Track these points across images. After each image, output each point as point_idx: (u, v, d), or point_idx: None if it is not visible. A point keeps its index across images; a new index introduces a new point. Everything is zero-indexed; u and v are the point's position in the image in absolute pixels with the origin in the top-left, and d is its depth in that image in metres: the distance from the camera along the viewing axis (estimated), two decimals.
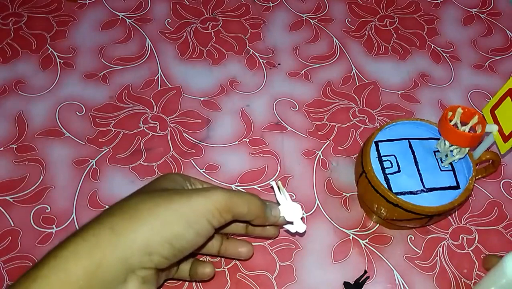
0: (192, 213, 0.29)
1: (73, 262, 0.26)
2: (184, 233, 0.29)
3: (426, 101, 0.52)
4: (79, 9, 0.57)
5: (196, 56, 0.54)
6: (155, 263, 0.28)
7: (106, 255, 0.27)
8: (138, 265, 0.28)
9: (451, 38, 0.58)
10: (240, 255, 0.39)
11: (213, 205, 0.30)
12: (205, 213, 0.29)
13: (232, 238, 0.39)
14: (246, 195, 0.32)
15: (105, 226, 0.28)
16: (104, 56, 0.53)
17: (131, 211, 0.29)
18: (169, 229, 0.28)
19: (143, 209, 0.29)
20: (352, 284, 0.40)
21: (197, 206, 0.29)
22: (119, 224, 0.28)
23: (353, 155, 0.48)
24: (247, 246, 0.39)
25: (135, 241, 0.27)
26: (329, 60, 0.55)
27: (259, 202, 0.33)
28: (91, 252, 0.27)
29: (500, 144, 0.39)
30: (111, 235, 0.27)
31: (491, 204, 0.46)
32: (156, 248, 0.28)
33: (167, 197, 0.29)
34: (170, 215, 0.29)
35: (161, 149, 0.47)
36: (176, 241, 0.29)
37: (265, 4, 0.59)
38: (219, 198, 0.30)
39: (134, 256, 0.27)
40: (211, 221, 0.30)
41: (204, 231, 0.30)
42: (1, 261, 0.40)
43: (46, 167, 0.45)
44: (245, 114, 0.50)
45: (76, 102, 0.50)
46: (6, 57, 0.53)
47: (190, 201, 0.29)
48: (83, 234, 0.28)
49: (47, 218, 0.43)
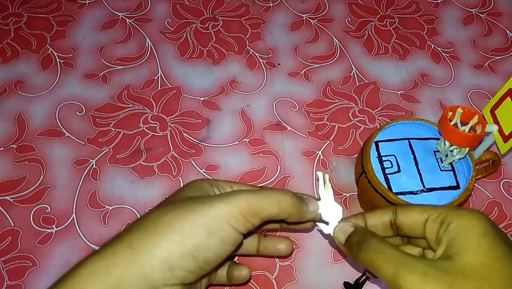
0: (213, 221, 0.27)
1: (90, 281, 0.26)
2: (207, 243, 0.27)
3: (426, 101, 0.52)
4: (79, 9, 0.57)
5: (196, 56, 0.54)
6: (179, 278, 0.27)
7: (124, 273, 0.26)
8: (161, 282, 0.26)
9: (451, 38, 0.58)
10: (280, 252, 0.37)
11: (236, 210, 0.28)
12: (228, 219, 0.28)
13: (269, 236, 0.37)
14: (275, 194, 0.30)
15: (123, 243, 0.27)
16: (104, 56, 0.53)
17: (149, 227, 0.28)
18: (189, 241, 0.27)
19: (162, 223, 0.27)
20: (352, 284, 0.40)
21: (218, 213, 0.28)
22: (137, 241, 0.27)
23: (353, 155, 0.48)
24: (286, 242, 0.36)
25: (154, 256, 0.26)
26: (329, 60, 0.55)
27: (292, 199, 0.30)
28: (109, 270, 0.26)
29: (500, 144, 0.39)
30: (129, 252, 0.26)
31: (491, 204, 0.46)
32: (177, 262, 0.27)
33: (187, 208, 0.28)
34: (190, 227, 0.27)
35: (161, 149, 0.47)
36: (198, 253, 0.27)
37: (265, 4, 0.59)
38: (242, 202, 0.28)
39: (155, 272, 0.26)
40: (237, 227, 0.28)
41: (230, 238, 0.28)
42: (1, 261, 0.40)
43: (46, 167, 0.45)
44: (245, 114, 0.50)
45: (76, 102, 0.50)
46: (6, 57, 0.53)
47: (211, 209, 0.28)
48: (101, 252, 0.27)
49: (47, 218, 0.43)
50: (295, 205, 0.30)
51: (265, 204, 0.29)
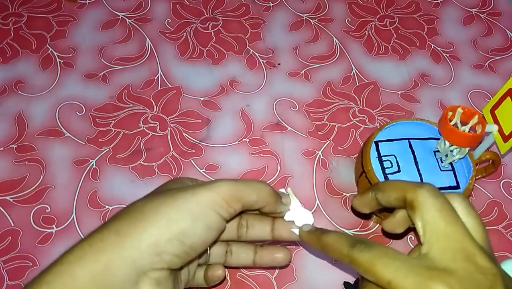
0: (197, 207, 0.29)
1: (79, 267, 0.26)
2: (192, 228, 0.28)
3: (426, 101, 0.52)
4: (79, 9, 0.57)
5: (196, 56, 0.54)
6: (166, 262, 0.28)
7: (112, 258, 0.26)
8: (149, 266, 0.27)
9: (451, 38, 0.58)
10: (278, 262, 0.36)
11: (219, 196, 0.29)
12: (212, 205, 0.29)
13: (266, 245, 0.37)
14: (254, 183, 0.31)
15: (111, 230, 0.28)
16: (104, 56, 0.53)
17: (136, 214, 0.28)
18: (175, 226, 0.28)
19: (149, 210, 0.28)
20: (352, 284, 0.40)
21: (203, 199, 0.29)
22: (124, 227, 0.28)
23: (353, 155, 0.48)
24: (283, 251, 0.36)
25: (142, 241, 0.27)
26: (329, 60, 0.55)
27: (268, 188, 0.32)
28: (97, 256, 0.26)
29: (500, 144, 0.39)
30: (117, 238, 0.27)
31: (491, 204, 0.46)
32: (165, 246, 0.27)
33: (172, 195, 0.29)
34: (176, 212, 0.28)
35: (161, 149, 0.47)
36: (185, 237, 0.28)
37: (265, 4, 0.59)
38: (225, 188, 0.29)
39: (143, 257, 0.27)
40: (220, 213, 0.29)
41: (214, 223, 0.29)
42: (1, 261, 0.40)
43: (46, 167, 0.45)
44: (245, 114, 0.50)
45: (76, 102, 0.50)
46: (6, 57, 0.53)
47: (195, 195, 0.29)
48: (89, 239, 0.27)
49: (47, 218, 0.43)
50: (271, 194, 0.32)
51: (245, 191, 0.30)
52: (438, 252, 0.26)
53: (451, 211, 0.27)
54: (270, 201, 0.32)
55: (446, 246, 0.26)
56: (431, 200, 0.27)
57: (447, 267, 0.25)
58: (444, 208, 0.26)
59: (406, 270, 0.25)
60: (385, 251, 0.26)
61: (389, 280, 0.25)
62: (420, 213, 0.27)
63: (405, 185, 0.28)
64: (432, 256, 0.25)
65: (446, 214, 0.26)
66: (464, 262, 0.25)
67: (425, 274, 0.24)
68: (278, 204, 0.33)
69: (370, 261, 0.26)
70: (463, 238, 0.25)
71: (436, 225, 0.26)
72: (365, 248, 0.27)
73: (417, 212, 0.27)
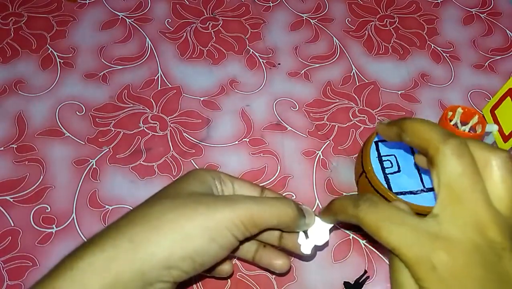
0: (215, 227, 0.28)
1: (90, 275, 0.26)
2: (207, 248, 0.28)
3: (426, 101, 0.52)
4: (79, 9, 0.57)
5: (196, 56, 0.54)
6: (173, 277, 0.27)
7: (124, 269, 0.26)
8: (156, 278, 0.27)
9: (451, 38, 0.58)
10: (275, 268, 0.35)
11: (238, 218, 0.28)
12: (229, 226, 0.28)
13: (269, 247, 0.36)
14: (279, 206, 0.30)
15: (125, 236, 0.27)
16: (104, 56, 0.53)
17: (152, 222, 0.27)
18: (191, 244, 0.27)
19: (166, 220, 0.27)
20: (352, 284, 0.40)
21: (222, 219, 0.28)
22: (139, 236, 0.27)
23: (353, 155, 0.48)
24: (283, 258, 0.35)
25: (155, 255, 0.26)
26: (329, 60, 0.55)
27: (293, 213, 0.30)
28: (109, 265, 0.26)
29: (500, 144, 0.39)
30: (130, 247, 0.26)
31: None
32: (176, 262, 0.27)
33: (192, 207, 0.28)
34: (194, 229, 0.27)
35: (161, 149, 0.47)
36: (197, 256, 0.27)
37: (265, 4, 0.59)
38: (245, 210, 0.28)
39: (153, 270, 0.26)
40: (236, 235, 0.28)
41: (227, 244, 0.28)
42: (1, 261, 0.40)
43: (46, 167, 0.45)
44: (245, 114, 0.50)
45: (76, 102, 0.50)
46: (6, 57, 0.53)
47: (216, 213, 0.28)
48: (100, 244, 0.27)
49: (47, 218, 0.43)
50: (295, 218, 0.31)
51: (266, 215, 0.29)
52: (449, 218, 0.24)
53: (474, 175, 0.24)
54: (291, 226, 0.31)
55: (458, 213, 0.24)
56: (453, 162, 0.24)
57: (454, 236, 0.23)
58: (466, 172, 0.24)
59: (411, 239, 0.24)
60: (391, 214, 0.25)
61: (393, 247, 0.24)
62: (437, 172, 0.25)
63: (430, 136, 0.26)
64: (442, 220, 0.24)
65: (467, 178, 0.24)
66: (474, 233, 0.23)
67: (430, 245, 0.23)
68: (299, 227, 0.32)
69: (376, 225, 0.25)
70: (479, 208, 0.24)
71: (453, 188, 0.24)
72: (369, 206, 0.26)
73: (435, 170, 0.25)
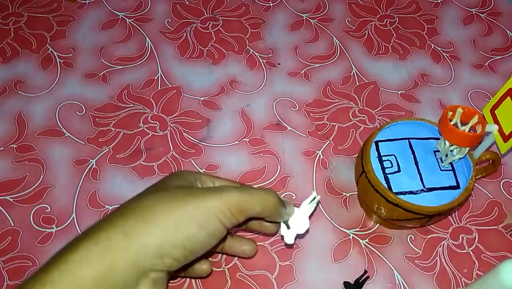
0: (204, 215, 0.29)
1: (85, 267, 0.26)
2: (197, 235, 0.29)
3: (426, 101, 0.52)
4: (79, 9, 0.57)
5: (196, 56, 0.54)
6: (166, 265, 0.28)
7: (118, 260, 0.27)
8: (150, 267, 0.28)
9: (451, 38, 0.58)
10: (244, 253, 0.39)
11: (225, 206, 0.29)
12: (217, 213, 0.29)
13: (236, 236, 0.39)
14: (261, 194, 0.32)
15: (118, 229, 0.28)
16: (104, 56, 0.53)
17: (144, 214, 0.28)
18: (182, 232, 0.28)
19: (157, 211, 0.28)
20: (352, 284, 0.40)
21: (211, 208, 0.29)
22: (132, 228, 0.28)
23: (353, 155, 0.48)
24: (251, 244, 0.38)
25: (148, 244, 0.27)
26: (329, 60, 0.55)
27: (275, 200, 0.32)
28: (103, 256, 0.27)
29: (500, 144, 0.39)
30: (124, 239, 0.27)
31: (491, 204, 0.46)
32: (169, 250, 0.28)
33: (181, 198, 0.29)
34: (183, 218, 0.28)
35: (161, 149, 0.47)
36: (188, 243, 0.28)
37: (265, 4, 0.59)
38: (232, 198, 0.30)
39: (147, 259, 0.27)
40: (224, 222, 0.30)
41: (216, 232, 0.30)
42: (1, 261, 0.40)
43: (46, 167, 0.45)
44: (245, 114, 0.50)
45: (76, 102, 0.50)
46: (6, 57, 0.53)
47: (204, 202, 0.29)
48: (95, 237, 0.27)
49: (47, 218, 0.43)
50: (277, 205, 0.32)
51: (251, 203, 0.31)
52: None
53: None
54: (274, 213, 0.32)
55: None
56: None
57: None
58: None
59: None
60: None
61: None
62: None
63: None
64: None
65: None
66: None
67: None
68: (281, 216, 0.34)
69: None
70: None
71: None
72: None
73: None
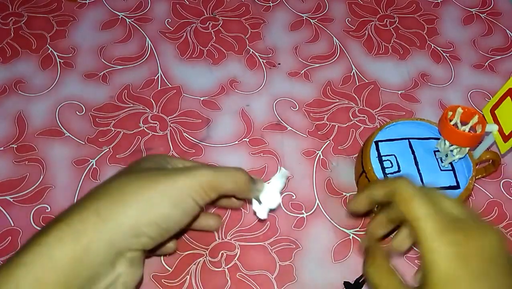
0: (177, 193, 0.29)
1: (58, 248, 0.26)
2: (171, 213, 0.29)
3: (426, 101, 0.52)
4: (79, 9, 0.57)
5: (196, 56, 0.54)
6: (142, 244, 0.29)
7: (93, 240, 0.27)
8: (126, 247, 0.28)
9: (451, 38, 0.58)
10: (211, 227, 0.39)
11: (197, 183, 0.30)
12: (190, 192, 0.30)
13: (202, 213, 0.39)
14: (232, 171, 0.32)
15: (91, 210, 0.28)
16: (104, 56, 0.53)
17: (116, 194, 0.29)
18: (155, 210, 0.28)
19: (129, 191, 0.29)
20: (352, 284, 0.40)
21: (183, 186, 0.29)
22: (105, 208, 0.28)
23: (353, 155, 0.48)
24: (215, 218, 0.39)
25: (122, 224, 0.28)
26: (329, 60, 0.55)
27: (245, 177, 0.33)
28: (77, 237, 0.27)
29: (500, 144, 0.39)
30: (97, 220, 0.27)
31: (491, 204, 0.46)
32: (143, 229, 0.28)
33: (153, 178, 0.29)
34: (156, 197, 0.29)
35: (161, 149, 0.47)
36: (162, 222, 0.29)
37: (265, 4, 0.59)
38: (204, 176, 0.30)
39: (122, 239, 0.28)
40: (197, 200, 0.30)
41: (190, 209, 0.30)
42: (1, 261, 0.40)
43: (46, 167, 0.45)
44: (245, 114, 0.50)
45: (76, 102, 0.50)
46: (6, 57, 0.53)
47: (176, 181, 0.29)
48: (67, 219, 0.28)
49: (47, 218, 0.43)
50: (247, 183, 0.33)
51: (223, 180, 0.31)
52: None
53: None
54: (244, 189, 0.33)
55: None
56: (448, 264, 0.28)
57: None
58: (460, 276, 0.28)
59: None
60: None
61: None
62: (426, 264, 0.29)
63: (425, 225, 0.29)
64: None
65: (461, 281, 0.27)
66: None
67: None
68: (251, 192, 0.34)
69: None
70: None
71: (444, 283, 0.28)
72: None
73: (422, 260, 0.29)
